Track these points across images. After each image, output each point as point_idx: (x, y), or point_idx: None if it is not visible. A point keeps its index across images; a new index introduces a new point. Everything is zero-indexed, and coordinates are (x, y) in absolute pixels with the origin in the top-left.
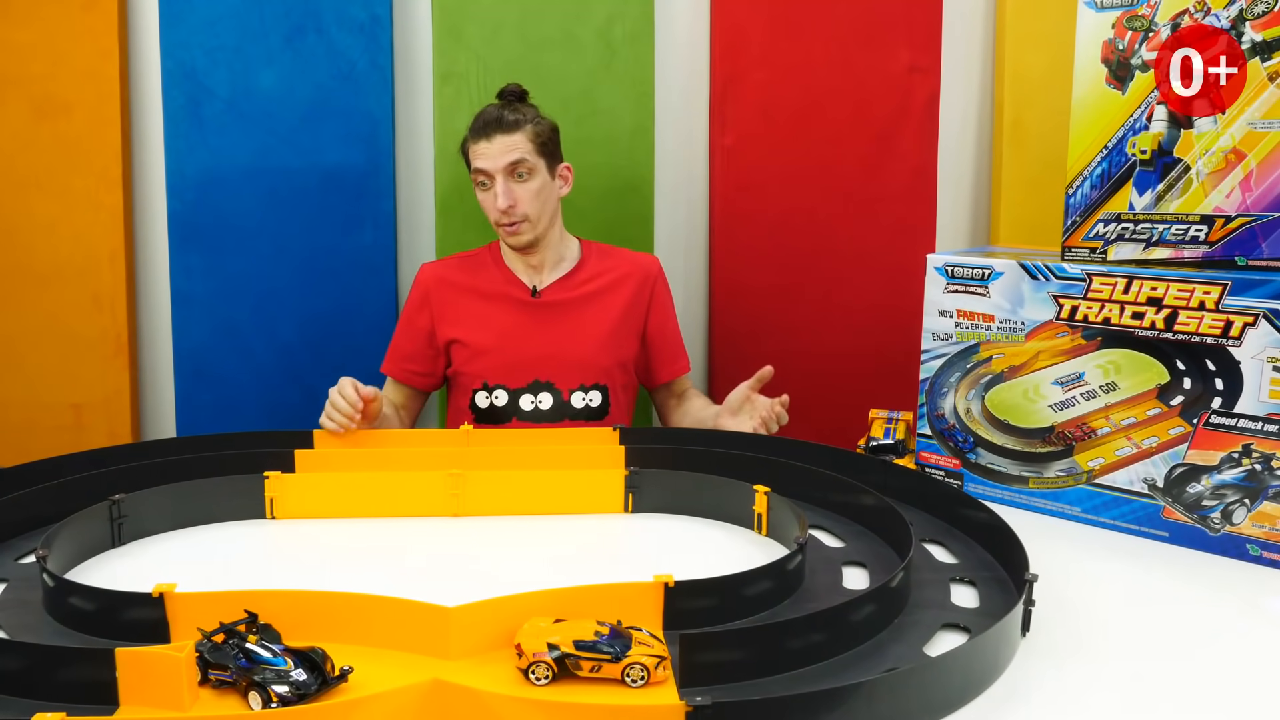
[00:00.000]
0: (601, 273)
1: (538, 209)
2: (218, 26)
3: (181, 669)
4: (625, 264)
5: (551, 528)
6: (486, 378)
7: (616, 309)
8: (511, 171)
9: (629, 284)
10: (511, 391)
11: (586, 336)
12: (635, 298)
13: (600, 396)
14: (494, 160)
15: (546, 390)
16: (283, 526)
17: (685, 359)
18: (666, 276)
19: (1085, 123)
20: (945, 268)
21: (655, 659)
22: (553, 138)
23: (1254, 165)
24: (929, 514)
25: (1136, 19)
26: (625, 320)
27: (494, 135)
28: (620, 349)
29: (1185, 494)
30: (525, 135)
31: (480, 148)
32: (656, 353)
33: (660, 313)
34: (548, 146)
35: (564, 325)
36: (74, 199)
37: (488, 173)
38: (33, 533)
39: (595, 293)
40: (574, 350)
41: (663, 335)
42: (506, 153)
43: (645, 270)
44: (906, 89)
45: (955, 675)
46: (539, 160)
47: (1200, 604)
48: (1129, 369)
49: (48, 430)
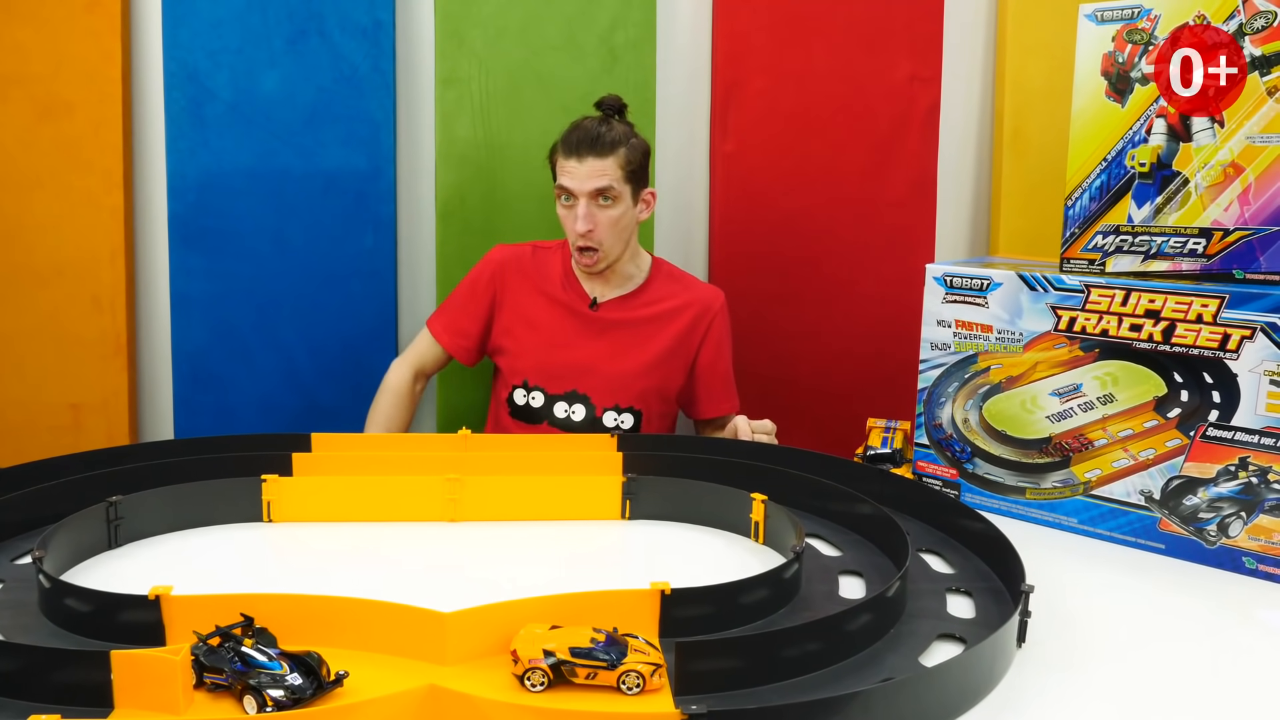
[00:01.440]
0: (664, 298)
1: (613, 238)
2: (220, 29)
3: (177, 672)
4: (688, 293)
5: (549, 534)
6: (528, 376)
7: (668, 337)
8: (596, 196)
9: (687, 314)
10: (549, 396)
11: (631, 359)
12: (690, 330)
13: (633, 420)
14: (581, 183)
15: (581, 403)
16: (280, 530)
17: (734, 400)
18: (728, 312)
19: (1085, 135)
20: (944, 278)
21: (651, 666)
22: (643, 163)
23: (1252, 179)
24: (926, 524)
25: (1137, 32)
26: (675, 351)
27: (585, 156)
28: (663, 377)
29: (1182, 506)
30: (617, 160)
31: (570, 166)
32: (704, 388)
33: (713, 349)
34: (637, 174)
35: (613, 343)
36: (75, 199)
37: (572, 192)
38: (29, 533)
39: (652, 317)
40: (616, 369)
41: (713, 372)
42: (594, 177)
43: (706, 303)
44: (907, 98)
45: (951, 686)
46: (625, 188)
47: (1196, 617)
48: (1126, 381)
49: (45, 430)
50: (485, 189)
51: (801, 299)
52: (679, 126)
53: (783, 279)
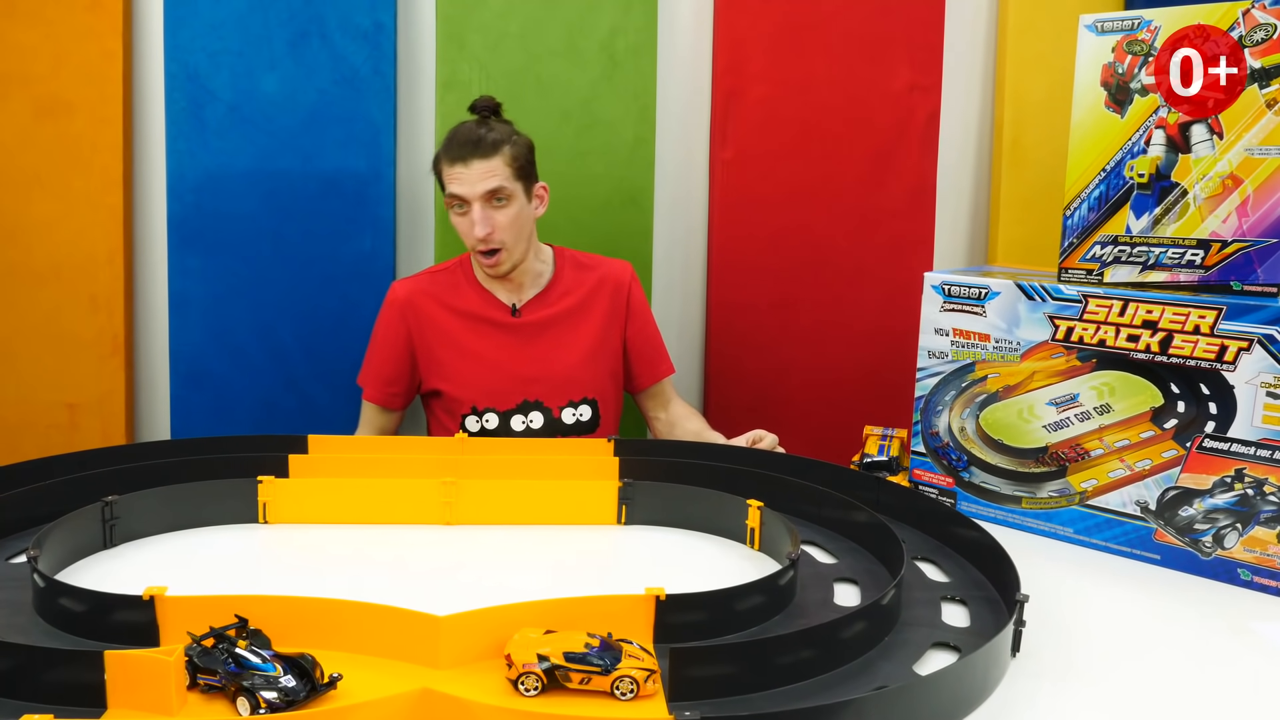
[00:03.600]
0: (578, 285)
1: (514, 236)
2: (222, 30)
3: (170, 673)
4: (598, 273)
5: (544, 538)
6: (475, 402)
7: (597, 321)
8: (489, 198)
9: (604, 293)
10: (502, 414)
11: (572, 352)
12: (612, 307)
13: (590, 410)
14: (472, 187)
15: (536, 409)
16: (275, 531)
17: (667, 361)
18: (640, 280)
19: (1084, 145)
20: (942, 286)
21: (645, 672)
22: (530, 157)
23: (1251, 191)
24: (921, 532)
25: (1137, 43)
26: (607, 331)
27: (471, 160)
28: (606, 360)
29: (1177, 517)
30: (503, 159)
31: (457, 172)
32: (638, 358)
33: (638, 318)
34: (525, 169)
35: (548, 343)
36: (74, 199)
37: (463, 198)
38: (24, 533)
39: (574, 307)
40: (561, 368)
41: (642, 339)
42: (484, 179)
43: (618, 278)
44: (907, 107)
45: (945, 694)
46: (517, 185)
47: (1190, 628)
48: (1123, 391)
49: (41, 430)
50: None
51: (800, 305)
52: (678, 133)
53: (781, 286)
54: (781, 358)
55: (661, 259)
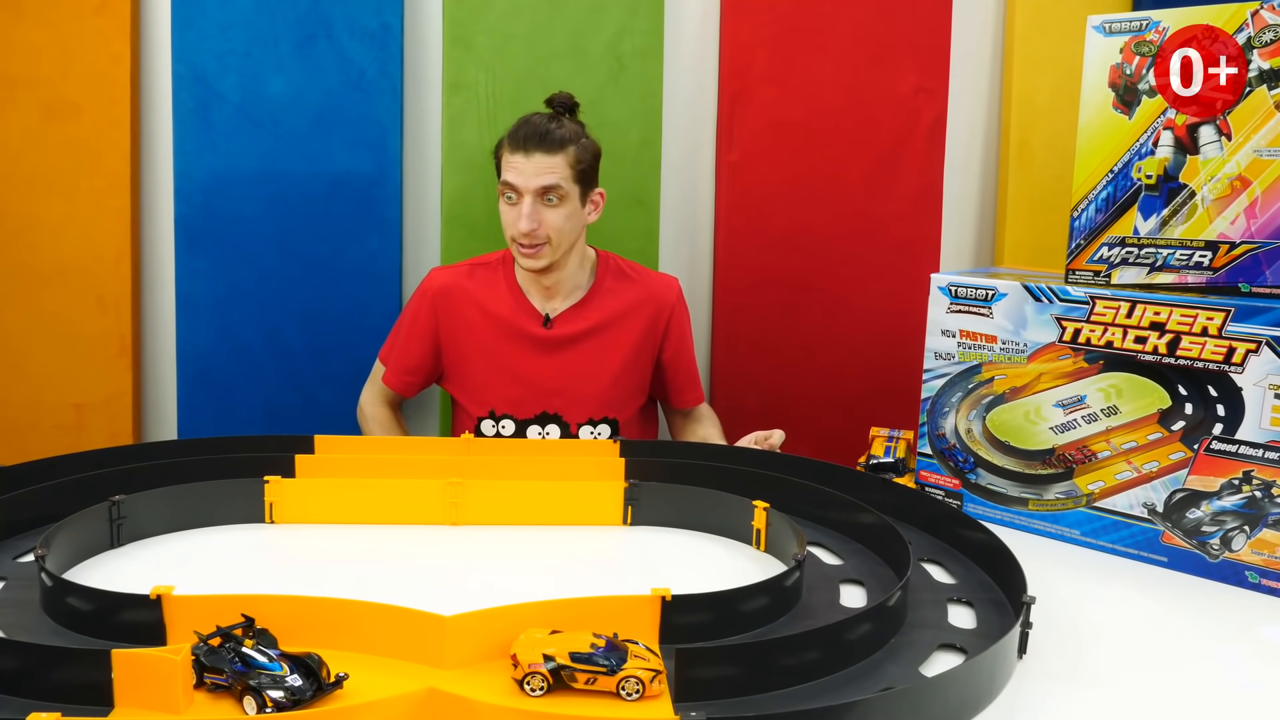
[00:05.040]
0: (616, 297)
1: (560, 236)
2: (229, 32)
3: (177, 672)
4: (641, 289)
5: (550, 539)
6: (494, 406)
7: (630, 341)
8: (542, 194)
9: (644, 313)
10: (519, 422)
11: (599, 372)
12: (650, 328)
13: (609, 430)
14: (527, 179)
15: (555, 423)
16: (281, 531)
17: (698, 390)
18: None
19: (1091, 146)
20: (949, 287)
21: (651, 673)
22: (593, 164)
23: (1259, 192)
24: (928, 533)
25: (1145, 44)
26: (639, 353)
27: (533, 151)
28: (633, 380)
29: (1185, 519)
30: (566, 159)
31: (516, 160)
32: (669, 381)
33: (675, 342)
34: (586, 174)
35: (576, 359)
36: (81, 200)
37: (517, 189)
38: (32, 532)
39: (609, 321)
40: (585, 386)
41: (675, 365)
42: (542, 174)
43: (661, 298)
44: (913, 109)
45: (951, 696)
46: (574, 187)
47: (1198, 631)
48: (1130, 393)
49: (48, 430)
50: (490, 194)
51: (806, 308)
52: (684, 136)
53: (788, 288)
54: (787, 359)
55: (667, 260)
